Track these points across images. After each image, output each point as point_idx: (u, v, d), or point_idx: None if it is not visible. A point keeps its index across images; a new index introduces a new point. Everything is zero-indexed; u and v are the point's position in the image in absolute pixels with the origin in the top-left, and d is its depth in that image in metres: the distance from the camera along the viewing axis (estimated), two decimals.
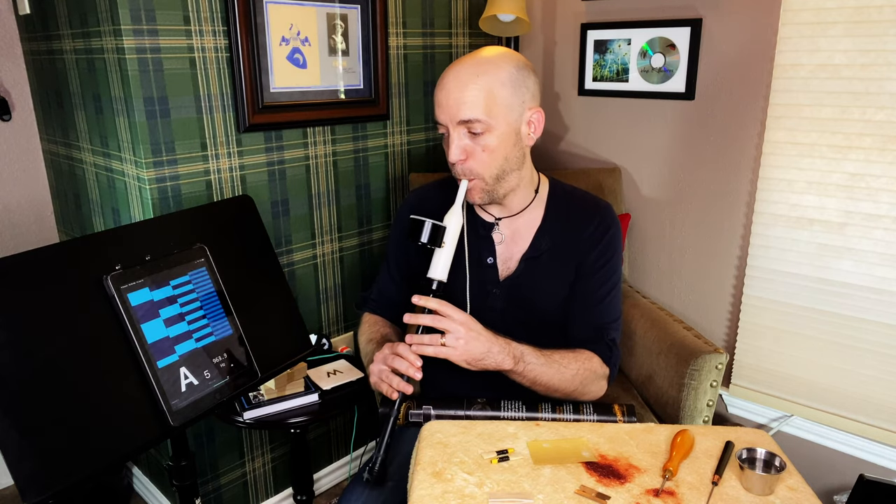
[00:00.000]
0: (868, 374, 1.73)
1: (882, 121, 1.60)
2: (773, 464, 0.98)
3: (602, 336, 1.29)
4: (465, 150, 1.17)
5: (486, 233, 1.31)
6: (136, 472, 2.14)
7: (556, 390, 1.22)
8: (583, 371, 1.23)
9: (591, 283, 1.29)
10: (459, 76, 1.15)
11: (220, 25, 1.59)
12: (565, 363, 1.22)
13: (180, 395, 1.15)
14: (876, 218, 1.65)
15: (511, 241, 1.31)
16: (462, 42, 2.22)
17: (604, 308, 1.30)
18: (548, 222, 1.30)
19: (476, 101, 1.13)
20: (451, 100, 1.15)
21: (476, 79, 1.14)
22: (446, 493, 0.92)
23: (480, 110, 1.14)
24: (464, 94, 1.14)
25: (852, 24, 1.60)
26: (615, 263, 1.30)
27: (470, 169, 1.18)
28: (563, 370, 1.21)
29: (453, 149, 1.16)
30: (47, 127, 2.02)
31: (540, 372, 1.19)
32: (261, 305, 1.37)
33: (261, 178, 1.77)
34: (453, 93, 1.14)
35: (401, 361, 1.14)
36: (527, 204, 1.30)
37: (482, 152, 1.17)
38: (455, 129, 1.16)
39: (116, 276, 1.10)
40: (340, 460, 2.21)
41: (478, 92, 1.13)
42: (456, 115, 1.15)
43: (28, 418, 0.97)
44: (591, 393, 1.26)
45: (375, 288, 1.50)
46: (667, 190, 2.06)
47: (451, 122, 1.16)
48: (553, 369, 1.20)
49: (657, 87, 2.00)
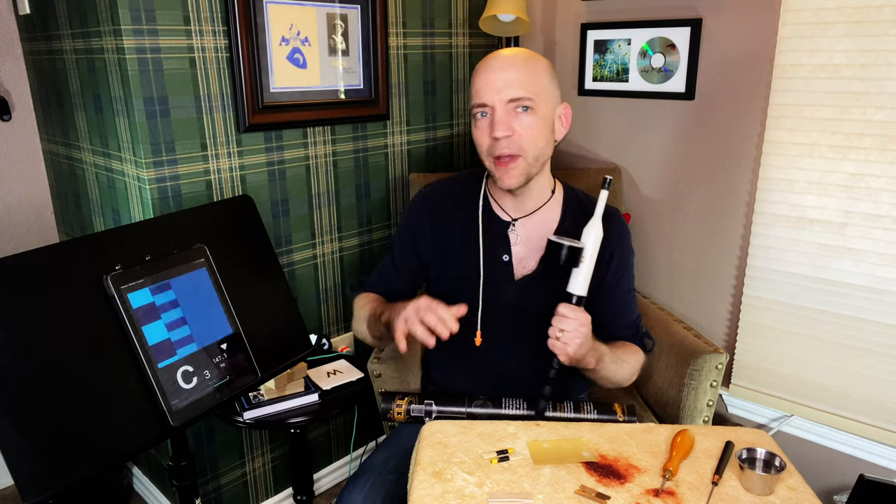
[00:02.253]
0: (868, 374, 1.73)
1: (882, 121, 1.60)
2: (773, 464, 0.98)
3: (638, 331, 1.37)
4: (510, 126, 1.19)
5: (503, 230, 1.33)
6: (136, 472, 2.14)
7: (612, 383, 1.31)
8: (637, 365, 1.33)
9: (619, 290, 1.35)
10: (509, 60, 1.21)
11: (220, 25, 1.59)
12: (626, 358, 1.30)
13: (180, 395, 1.15)
14: (876, 218, 1.65)
15: (527, 241, 1.32)
16: (462, 42, 2.22)
17: (631, 307, 1.38)
18: (565, 225, 1.32)
19: (526, 81, 1.19)
20: (500, 79, 1.18)
21: (526, 62, 1.21)
22: (446, 493, 0.92)
23: (531, 89, 1.19)
24: (515, 74, 1.18)
25: (852, 24, 1.60)
26: (632, 267, 1.39)
27: (516, 144, 1.20)
28: (625, 366, 1.29)
29: (500, 124, 1.18)
30: (47, 127, 2.02)
31: (611, 370, 1.26)
32: (261, 305, 1.37)
33: (261, 178, 1.77)
34: (502, 73, 1.19)
35: (433, 318, 1.09)
36: (542, 203, 1.32)
37: (528, 129, 1.20)
38: (502, 107, 1.19)
39: (116, 276, 1.10)
40: (340, 460, 2.21)
41: (528, 73, 1.19)
42: (505, 92, 1.18)
43: (28, 418, 0.97)
44: (628, 381, 1.34)
45: (376, 274, 1.48)
46: (667, 190, 2.06)
47: (498, 101, 1.18)
48: (617, 365, 1.28)
49: (657, 87, 2.00)
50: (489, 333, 1.31)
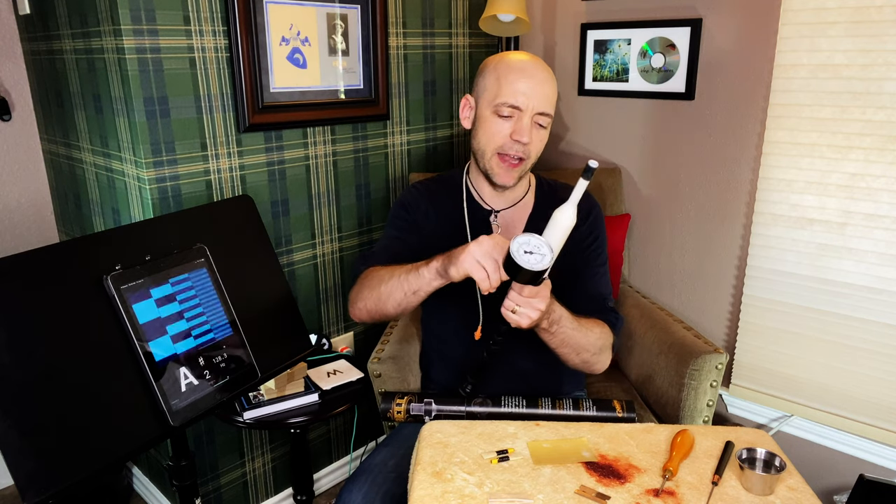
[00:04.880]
0: (868, 374, 1.73)
1: (882, 121, 1.60)
2: (773, 464, 0.98)
3: (604, 305, 1.36)
4: (531, 135, 1.30)
5: (485, 218, 1.40)
6: (136, 472, 2.14)
7: (577, 352, 1.24)
8: (603, 336, 1.28)
9: (585, 259, 1.38)
10: (543, 71, 1.29)
11: (220, 25, 1.59)
12: (590, 326, 1.26)
13: (180, 395, 1.14)
14: (876, 218, 1.65)
15: (506, 229, 1.39)
16: (462, 42, 2.22)
17: (599, 280, 1.39)
18: (538, 209, 1.41)
19: (553, 98, 1.31)
20: (539, 92, 1.27)
21: (552, 78, 1.31)
22: (446, 493, 0.92)
23: (553, 106, 1.31)
24: (550, 90, 1.29)
25: (852, 24, 1.60)
26: (602, 240, 1.41)
27: (528, 150, 1.31)
28: (589, 334, 1.25)
29: (527, 131, 1.28)
30: (47, 127, 2.02)
31: (569, 335, 1.21)
32: (261, 305, 1.37)
33: (261, 178, 1.77)
34: (541, 86, 1.27)
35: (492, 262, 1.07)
36: (521, 196, 1.42)
37: (539, 140, 1.32)
38: (530, 116, 1.28)
39: (116, 276, 1.10)
40: (340, 460, 2.21)
41: (554, 91, 1.31)
42: (539, 105, 1.27)
43: (28, 418, 0.97)
44: (601, 362, 1.30)
45: (379, 248, 1.43)
46: (667, 190, 2.06)
47: (531, 110, 1.27)
48: (580, 333, 1.23)
49: (657, 87, 2.00)
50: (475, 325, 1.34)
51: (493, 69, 1.30)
